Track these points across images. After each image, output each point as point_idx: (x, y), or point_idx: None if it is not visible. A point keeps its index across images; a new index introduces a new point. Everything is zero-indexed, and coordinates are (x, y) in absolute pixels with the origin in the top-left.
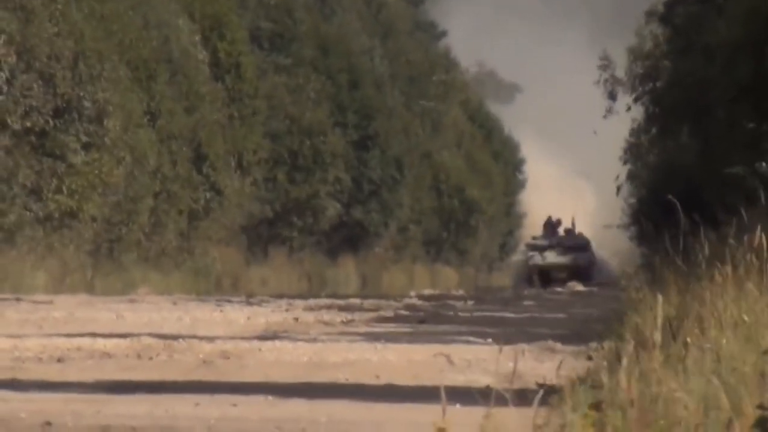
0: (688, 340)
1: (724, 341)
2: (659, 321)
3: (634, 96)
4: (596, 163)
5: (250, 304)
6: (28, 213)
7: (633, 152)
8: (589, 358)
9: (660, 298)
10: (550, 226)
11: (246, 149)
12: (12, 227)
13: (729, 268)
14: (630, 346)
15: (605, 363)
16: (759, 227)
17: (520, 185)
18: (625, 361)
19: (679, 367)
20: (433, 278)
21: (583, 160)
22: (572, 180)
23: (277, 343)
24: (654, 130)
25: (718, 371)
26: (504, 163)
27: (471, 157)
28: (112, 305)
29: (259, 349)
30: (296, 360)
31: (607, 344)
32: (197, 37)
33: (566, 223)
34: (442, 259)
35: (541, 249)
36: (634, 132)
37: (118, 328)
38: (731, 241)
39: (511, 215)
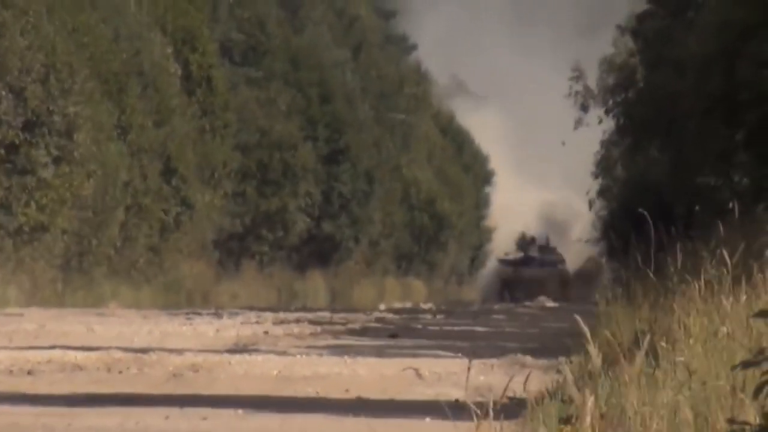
0: (659, 353)
1: (695, 355)
2: (629, 335)
3: (605, 108)
4: (568, 176)
5: (219, 317)
6: None
7: (604, 166)
8: (560, 372)
9: (631, 311)
10: (523, 242)
11: (216, 162)
12: None
13: (701, 282)
14: (598, 360)
15: (574, 377)
16: (730, 241)
17: (489, 199)
18: (594, 376)
19: (649, 381)
20: (403, 292)
21: (554, 173)
22: (543, 193)
23: (247, 356)
24: (625, 143)
25: (688, 385)
26: (474, 176)
27: (441, 170)
28: (82, 318)
29: (229, 363)
30: (266, 373)
31: (576, 358)
32: (169, 50)
33: (537, 239)
34: (412, 273)
35: (513, 264)
36: (605, 144)
37: (88, 341)
38: (703, 254)
39: (480, 229)
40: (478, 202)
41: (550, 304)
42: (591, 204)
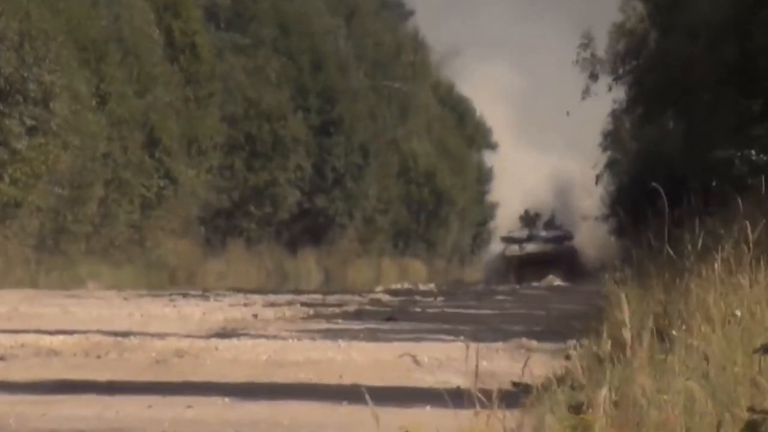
0: (674, 337)
1: (713, 339)
2: (643, 317)
3: (614, 76)
4: (574, 149)
5: (205, 299)
6: None
7: (613, 137)
8: (567, 357)
9: (643, 293)
10: (528, 219)
11: (202, 134)
12: None
13: (718, 261)
14: (608, 345)
15: (584, 363)
16: (749, 217)
17: (492, 173)
18: (604, 361)
19: (662, 367)
20: (401, 272)
21: (560, 145)
22: (548, 167)
23: (235, 341)
24: (636, 113)
25: (705, 372)
26: (476, 149)
27: (441, 142)
28: (58, 300)
29: (216, 348)
30: (255, 359)
31: (586, 342)
32: (150, 16)
33: (542, 216)
34: (410, 252)
35: (518, 241)
36: (615, 115)
37: (65, 324)
38: (720, 231)
39: (483, 204)
40: (480, 176)
41: (558, 283)
42: (598, 178)
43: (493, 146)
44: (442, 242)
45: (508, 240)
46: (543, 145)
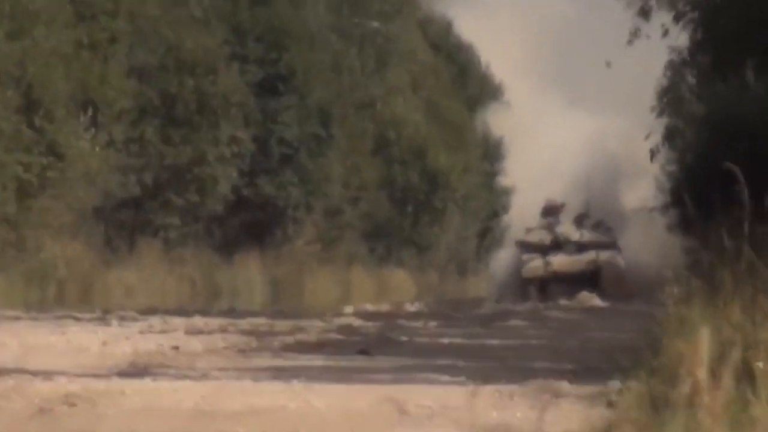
0: (761, 376)
1: None
2: (718, 348)
3: (674, 13)
4: (618, 114)
5: (107, 323)
6: None
7: (672, 99)
8: (610, 404)
9: (715, 314)
10: (551, 212)
11: (100, 94)
12: None
13: None
14: (670, 388)
15: (634, 411)
16: None
17: (504, 146)
18: (662, 410)
19: (746, 417)
20: (379, 286)
21: (598, 109)
22: (581, 138)
23: (149, 382)
24: (703, 65)
25: None
26: (482, 114)
27: (434, 104)
28: None
29: (122, 392)
30: (177, 407)
31: (635, 384)
32: None
33: (573, 207)
34: (392, 259)
35: (540, 249)
36: (674, 67)
37: None
38: None
39: (493, 191)
40: (488, 152)
41: (596, 302)
42: (653, 154)
43: (504, 110)
44: (435, 245)
45: (526, 247)
46: (574, 108)
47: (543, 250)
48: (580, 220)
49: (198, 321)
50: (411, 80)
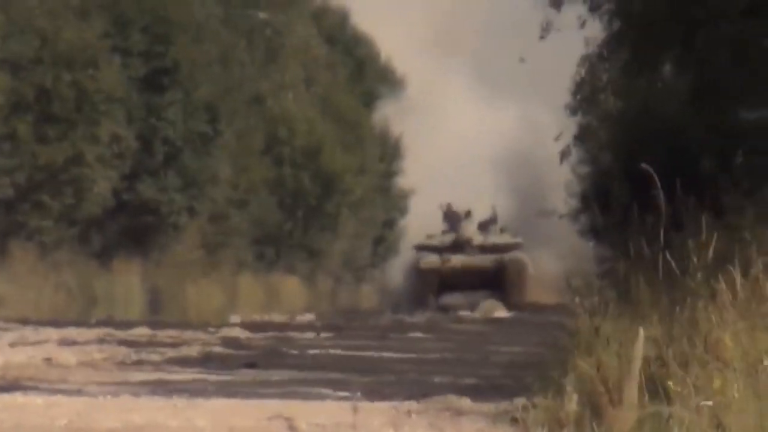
0: (674, 392)
1: (731, 396)
2: (630, 363)
3: (590, 4)
4: (530, 112)
5: None
6: None
7: (586, 95)
8: (515, 420)
9: (628, 326)
10: (454, 217)
11: None
12: None
13: (738, 280)
14: (575, 403)
15: (540, 429)
16: None
17: (402, 144)
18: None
19: None
20: (267, 295)
21: (509, 107)
22: (490, 138)
23: (19, 397)
24: (621, 58)
25: None
26: (381, 111)
27: (329, 102)
28: None
29: None
30: (50, 425)
31: (542, 401)
32: None
33: (478, 212)
34: (282, 265)
35: (439, 251)
36: (589, 62)
37: None
38: (744, 235)
39: (391, 194)
40: (386, 151)
41: (500, 313)
42: (564, 155)
43: (405, 106)
44: (328, 251)
45: (425, 250)
46: (483, 106)
47: (443, 250)
48: (485, 226)
49: (73, 332)
50: (304, 75)
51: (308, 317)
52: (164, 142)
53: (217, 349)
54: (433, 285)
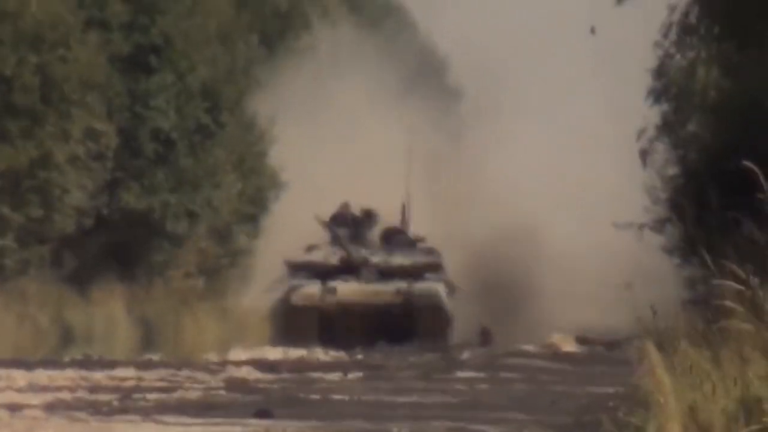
0: None
1: None
2: (722, 419)
3: None
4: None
5: None
6: None
7: (669, 80)
8: None
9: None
10: (344, 222)
11: None
12: None
13: None
14: None
15: None
16: None
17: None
18: None
19: None
20: None
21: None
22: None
23: None
24: (711, 35)
25: None
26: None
27: None
28: None
29: None
30: None
31: None
32: None
33: (383, 216)
34: None
35: (323, 273)
36: (676, 34)
37: None
38: None
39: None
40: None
41: (569, 347)
42: (645, 155)
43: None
44: None
45: (300, 269)
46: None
47: (327, 273)
48: (389, 236)
49: (42, 374)
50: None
51: (332, 354)
52: (153, 136)
53: (221, 393)
54: (311, 328)
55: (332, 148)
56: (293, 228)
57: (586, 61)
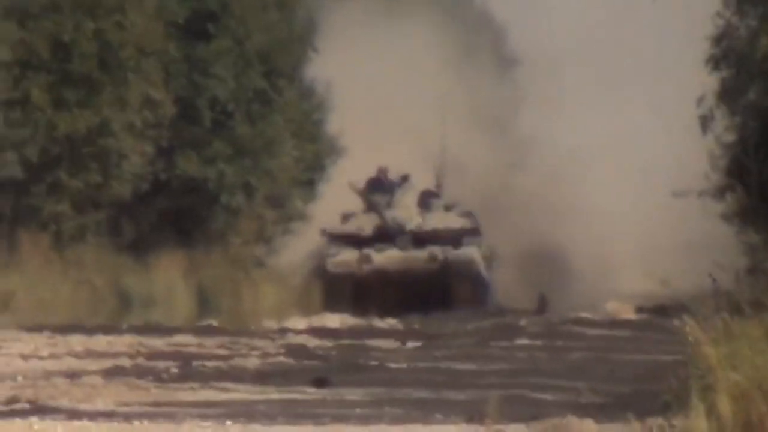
0: None
1: None
2: None
3: None
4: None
5: None
6: None
7: (727, 47)
8: None
9: None
10: (381, 188)
11: None
12: None
13: None
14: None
15: None
16: None
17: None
18: None
19: None
20: None
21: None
22: (433, 82)
23: (33, 423)
24: None
25: None
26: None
27: None
28: None
29: None
30: None
31: (683, 421)
32: None
33: (420, 181)
34: None
35: (358, 242)
36: (733, 7)
37: None
38: None
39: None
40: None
41: (628, 315)
42: (705, 122)
43: None
44: None
45: (335, 239)
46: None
47: (362, 242)
48: (425, 201)
49: (100, 340)
50: None
51: (389, 322)
52: (211, 104)
53: (280, 360)
54: (346, 296)
55: (387, 113)
56: (351, 193)
57: (646, 28)
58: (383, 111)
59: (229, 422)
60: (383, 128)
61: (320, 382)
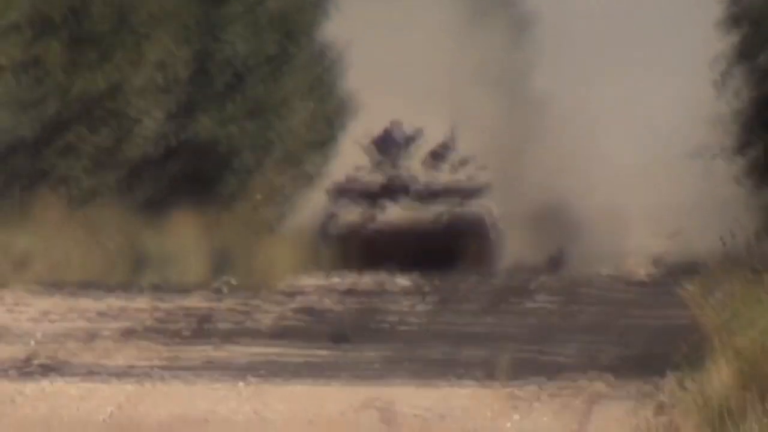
0: None
1: None
2: None
3: None
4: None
5: None
6: None
7: (742, 9)
8: (660, 408)
9: None
10: (390, 143)
11: None
12: None
13: None
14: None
15: (696, 415)
16: None
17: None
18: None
19: None
20: None
21: None
22: (441, 31)
23: (50, 383)
24: None
25: None
26: None
27: None
28: None
29: (16, 396)
30: (86, 418)
31: (693, 382)
32: None
33: (432, 137)
34: None
35: (365, 196)
36: None
37: None
38: None
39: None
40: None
41: (643, 273)
42: (719, 84)
43: None
44: None
45: (342, 194)
46: None
47: (369, 197)
48: (437, 156)
49: (115, 301)
50: None
51: (404, 280)
52: (225, 65)
53: (293, 319)
54: (352, 256)
55: (404, 72)
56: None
57: None
58: (400, 69)
59: (242, 382)
60: (399, 86)
61: (338, 338)
